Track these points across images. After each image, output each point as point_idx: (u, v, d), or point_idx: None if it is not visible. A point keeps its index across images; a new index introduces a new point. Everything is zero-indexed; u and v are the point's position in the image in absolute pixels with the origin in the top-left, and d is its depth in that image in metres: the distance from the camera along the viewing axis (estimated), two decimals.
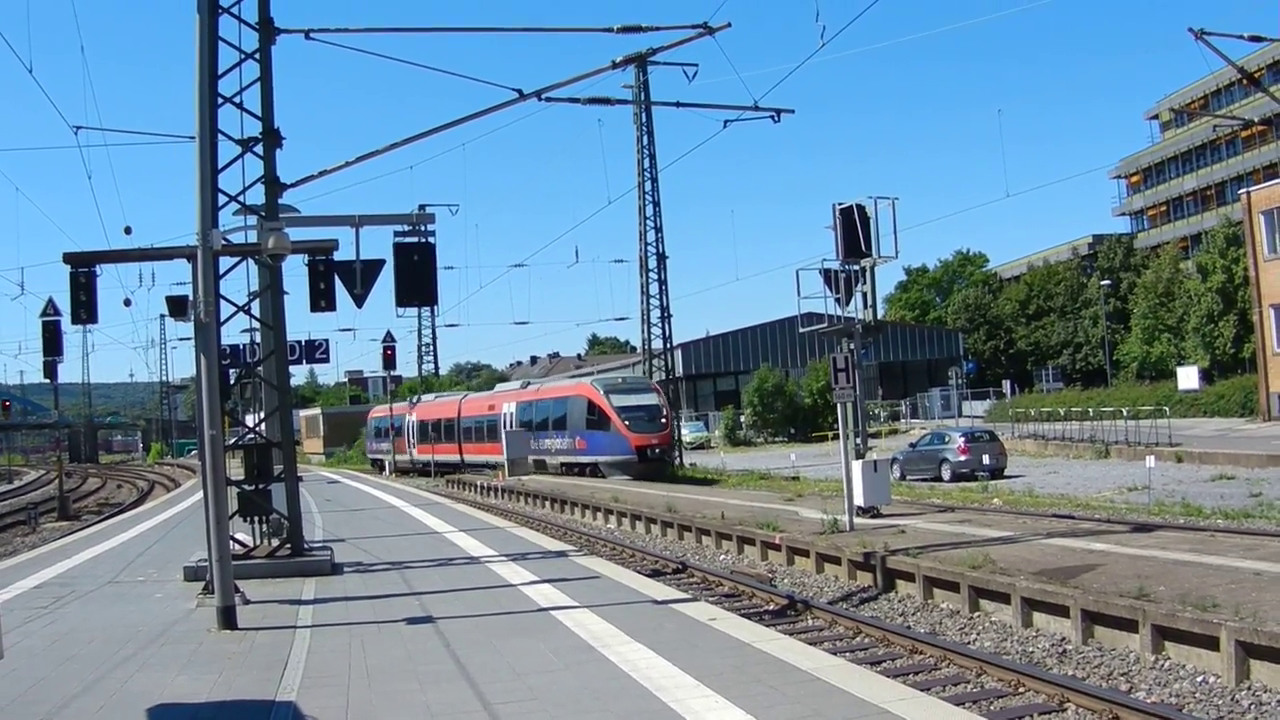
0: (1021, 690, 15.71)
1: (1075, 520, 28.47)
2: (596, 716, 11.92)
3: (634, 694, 12.66)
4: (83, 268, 20.30)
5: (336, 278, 21.93)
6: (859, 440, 31.09)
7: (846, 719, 11.53)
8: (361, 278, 22.40)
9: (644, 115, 68.71)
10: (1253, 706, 14.39)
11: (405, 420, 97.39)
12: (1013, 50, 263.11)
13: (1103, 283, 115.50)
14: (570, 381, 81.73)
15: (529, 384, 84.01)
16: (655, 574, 28.02)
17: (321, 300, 21.67)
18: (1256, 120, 68.75)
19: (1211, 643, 15.83)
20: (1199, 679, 15.69)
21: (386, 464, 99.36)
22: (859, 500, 30.14)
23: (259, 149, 23.86)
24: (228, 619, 17.78)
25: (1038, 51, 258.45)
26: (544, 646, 15.51)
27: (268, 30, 23.87)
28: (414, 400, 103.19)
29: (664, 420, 63.24)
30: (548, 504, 53.37)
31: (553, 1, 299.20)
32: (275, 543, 24.20)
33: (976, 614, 21.21)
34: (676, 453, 72.40)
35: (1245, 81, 44.11)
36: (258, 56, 23.76)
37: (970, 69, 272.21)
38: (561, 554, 27.59)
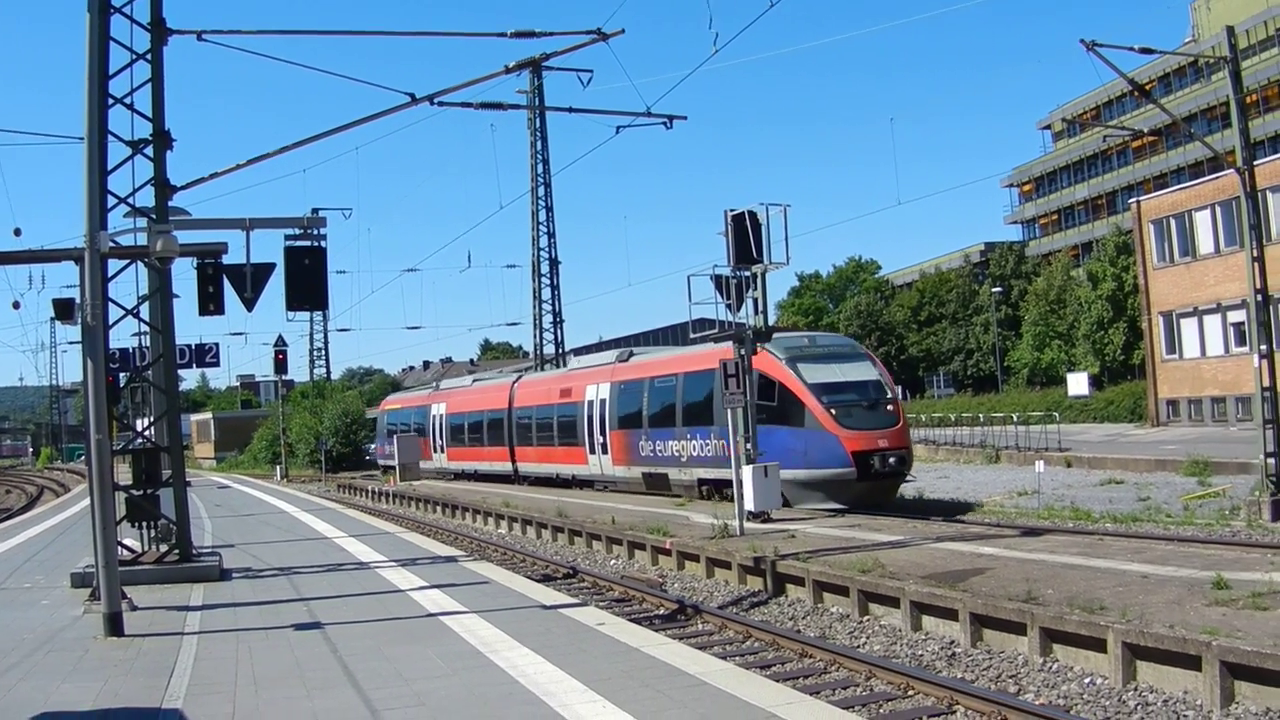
0: (911, 693, 15.89)
1: (965, 524, 28.76)
2: None
3: (522, 699, 12.69)
4: None
5: (226, 281, 21.75)
6: (749, 445, 31.23)
7: None
8: (252, 281, 22.18)
9: (538, 120, 68.73)
10: (1139, 707, 14.67)
11: (431, 414, 73.20)
12: (905, 60, 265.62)
13: (994, 290, 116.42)
14: (714, 346, 41.42)
15: (631, 354, 50.94)
16: (545, 579, 28.08)
17: (210, 304, 21.49)
18: (1146, 131, 69.90)
19: (1099, 645, 16.11)
20: (1087, 680, 15.98)
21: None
22: (749, 505, 30.25)
23: (149, 151, 23.63)
24: (114, 626, 17.62)
25: (930, 61, 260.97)
26: (432, 652, 15.51)
27: (160, 31, 23.64)
28: (436, 385, 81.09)
29: (893, 407, 37.72)
30: (439, 509, 53.25)
31: (447, 6, 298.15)
32: (163, 548, 23.99)
33: (866, 618, 21.43)
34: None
35: (1136, 93, 44.79)
36: (149, 57, 23.53)
37: (863, 78, 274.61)
38: (451, 559, 27.57)
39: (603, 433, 48.78)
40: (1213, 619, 15.43)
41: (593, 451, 49.90)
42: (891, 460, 35.20)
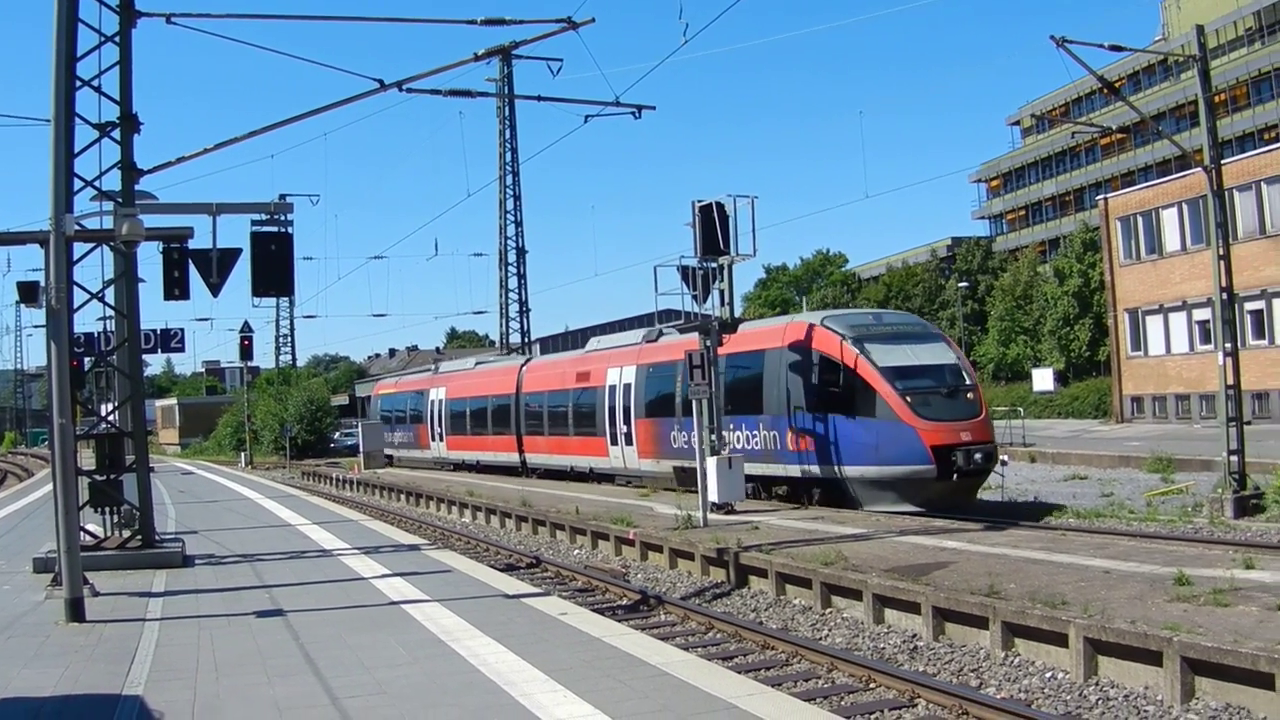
0: (872, 686, 15.89)
1: (928, 518, 28.77)
2: (444, 711, 11.95)
3: (483, 688, 12.69)
4: None
5: (192, 266, 21.68)
6: (714, 436, 31.26)
7: (694, 714, 11.60)
8: (218, 266, 22.10)
9: (507, 109, 68.65)
10: (1100, 702, 14.73)
11: (428, 399, 67.67)
12: (875, 54, 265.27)
13: (960, 284, 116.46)
14: (765, 323, 42.21)
15: (660, 333, 44.56)
16: (509, 568, 28.04)
17: (175, 289, 21.42)
18: (1115, 128, 70.11)
19: (1061, 639, 16.15)
20: (1048, 675, 16.02)
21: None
22: (713, 496, 30.33)
23: (117, 134, 23.55)
24: (76, 611, 17.56)
25: (900, 56, 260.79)
26: (394, 640, 15.52)
27: (128, 13, 23.56)
28: (435, 368, 74.03)
29: (973, 395, 33.13)
30: (403, 497, 53.16)
31: None
32: (126, 534, 23.93)
33: (829, 610, 21.47)
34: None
35: (1105, 90, 45.00)
36: (117, 39, 23.45)
37: (832, 71, 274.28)
38: (414, 548, 27.54)
39: (626, 421, 43.76)
40: (1174, 615, 15.51)
41: (614, 442, 44.89)
42: (977, 456, 30.97)
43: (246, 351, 72.33)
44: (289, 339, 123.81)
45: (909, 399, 30.91)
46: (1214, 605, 15.96)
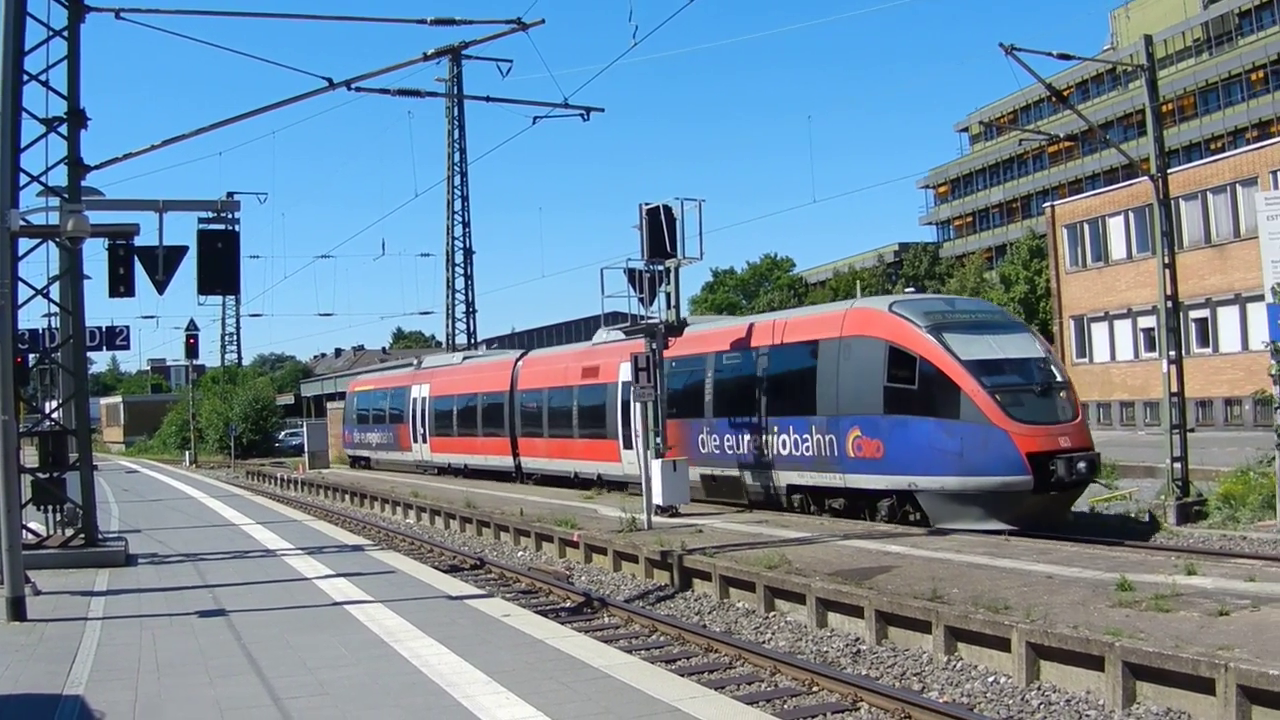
0: (815, 689, 15.97)
1: (872, 522, 28.82)
2: (386, 712, 11.93)
3: (425, 689, 12.70)
4: None
5: (138, 263, 21.58)
6: (658, 439, 31.30)
7: (637, 717, 11.62)
8: (164, 264, 22.04)
9: (456, 109, 68.53)
10: (1042, 706, 14.83)
11: (410, 396, 62.08)
12: (824, 59, 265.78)
13: (907, 290, 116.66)
14: (817, 310, 38.55)
15: (685, 323, 35.13)
16: (453, 569, 28.06)
17: (121, 285, 21.28)
18: (1063, 136, 70.29)
19: (1003, 644, 16.24)
20: (990, 679, 16.08)
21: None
22: (658, 499, 30.39)
23: (64, 129, 23.42)
24: (17, 610, 17.47)
25: (849, 61, 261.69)
26: (336, 641, 15.52)
27: (77, 8, 23.42)
28: (418, 363, 68.83)
29: (1068, 395, 29.14)
30: (347, 498, 53.10)
31: None
32: (69, 533, 23.82)
33: (772, 614, 21.53)
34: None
35: (1054, 98, 45.32)
36: (66, 34, 23.33)
37: (781, 76, 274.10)
38: (358, 548, 27.53)
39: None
40: (1116, 620, 15.60)
41: (628, 446, 39.05)
42: (1080, 465, 26.91)
43: (192, 350, 71.90)
44: (235, 338, 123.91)
45: (999, 398, 26.95)
46: (1156, 611, 16.04)
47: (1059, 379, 28.90)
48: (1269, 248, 26.13)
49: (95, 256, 58.11)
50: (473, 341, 72.69)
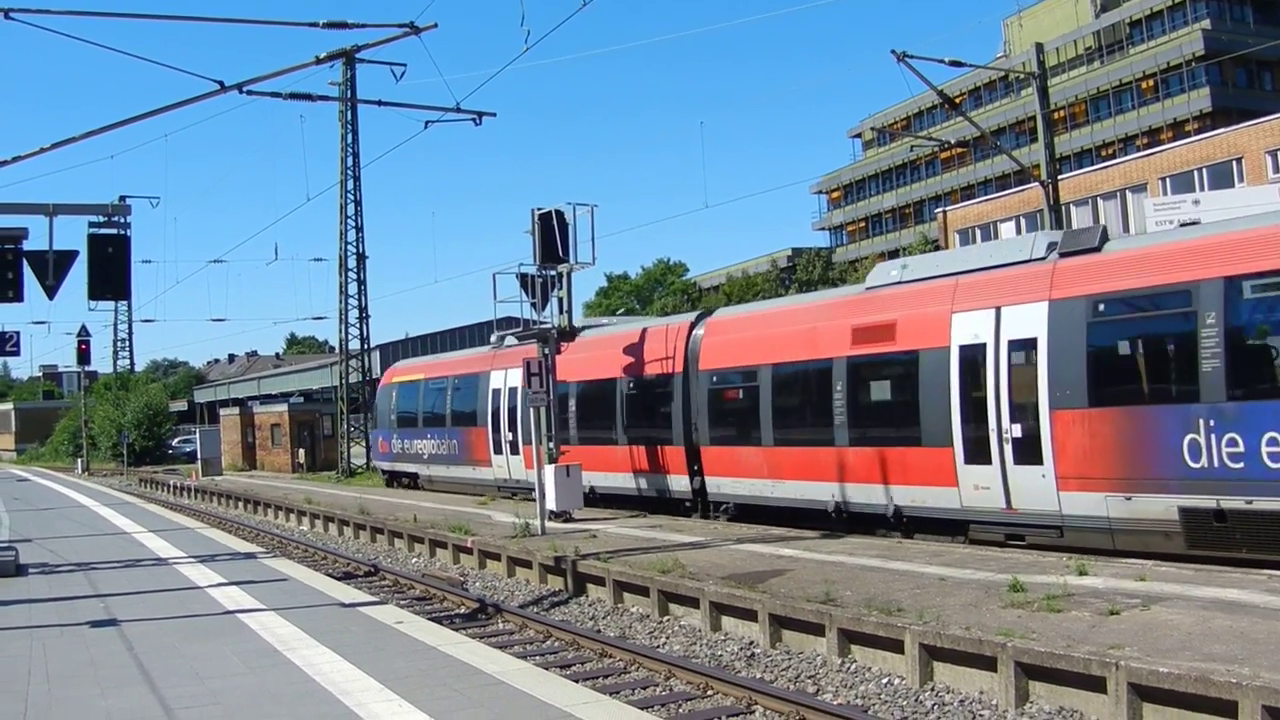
0: (710, 693, 16.03)
1: (766, 526, 28.94)
2: None
3: (318, 698, 12.67)
4: None
5: (27, 268, 21.42)
6: (551, 444, 31.34)
7: None
8: (54, 269, 21.86)
9: (349, 113, 68.17)
10: (936, 707, 14.94)
11: (487, 387, 43.46)
12: (718, 65, 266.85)
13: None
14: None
15: (1106, 235, 23.54)
16: (346, 577, 28.00)
17: (9, 290, 21.16)
18: (955, 143, 71.15)
19: (897, 646, 16.33)
20: (885, 681, 16.16)
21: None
22: (551, 504, 30.38)
23: None
24: None
25: (743, 67, 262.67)
26: (229, 650, 15.41)
27: None
28: (497, 340, 44.53)
29: None
30: (241, 505, 52.74)
31: None
32: None
33: (666, 618, 21.57)
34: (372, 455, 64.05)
35: (946, 105, 45.78)
36: None
37: (675, 81, 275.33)
38: (251, 556, 27.39)
39: (1026, 416, 23.21)
40: (1008, 621, 15.78)
41: (978, 457, 24.14)
42: None
43: (84, 356, 71.35)
44: (127, 343, 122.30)
45: None
46: (1048, 611, 16.25)
47: None
48: None
49: None
50: (365, 347, 72.12)
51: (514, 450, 41.21)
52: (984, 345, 24.05)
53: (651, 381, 34.68)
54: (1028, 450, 23.05)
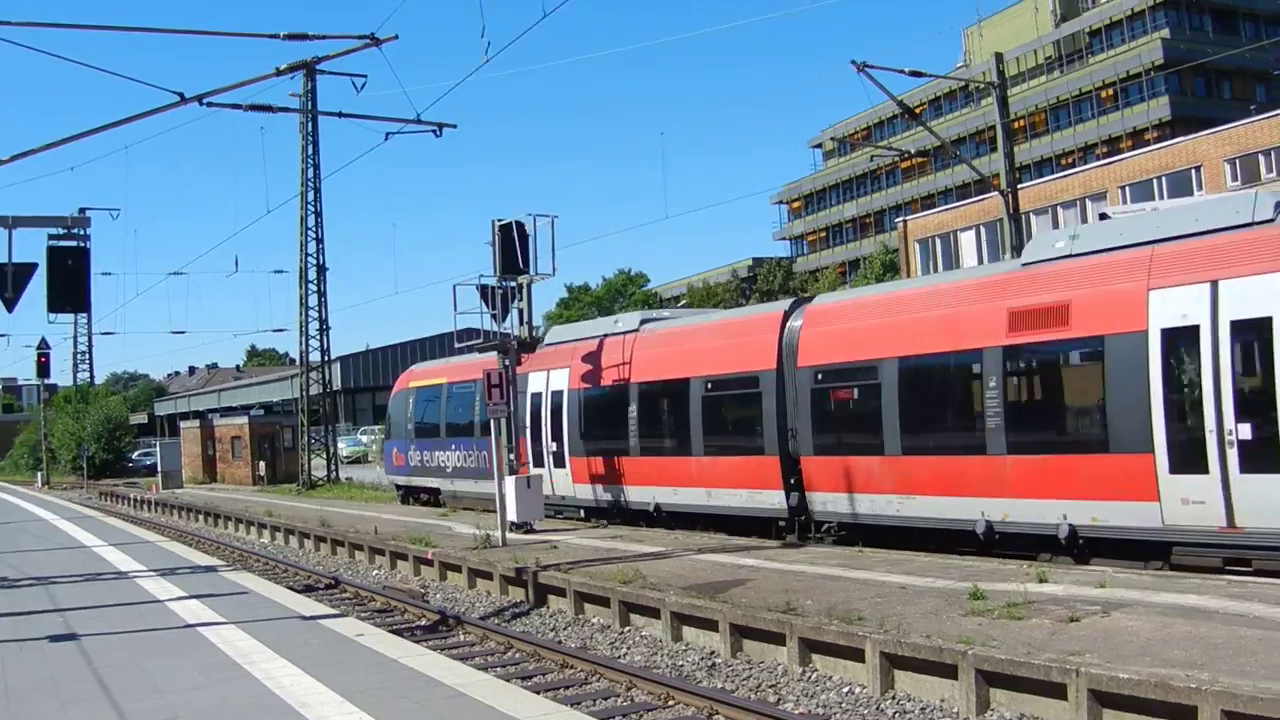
0: (672, 703, 16.05)
1: (726, 536, 28.96)
2: None
3: (278, 711, 12.65)
4: None
5: None
6: (512, 455, 31.33)
7: None
8: (13, 282, 21.84)
9: (310, 124, 68.04)
10: (897, 715, 15.02)
11: (526, 390, 36.68)
12: (679, 76, 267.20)
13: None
14: None
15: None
16: (307, 589, 27.94)
17: None
18: (915, 152, 71.38)
19: (858, 654, 16.35)
20: (846, 690, 16.21)
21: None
22: (512, 515, 30.42)
23: None
24: None
25: (704, 77, 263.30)
26: (189, 664, 15.37)
27: None
28: (544, 334, 39.46)
29: None
30: (202, 518, 52.51)
31: (221, 6, 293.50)
32: None
33: (627, 629, 21.59)
34: (332, 468, 67.87)
35: (906, 115, 45.90)
36: None
37: (636, 92, 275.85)
38: (212, 569, 27.30)
39: (1265, 412, 19.10)
40: (969, 629, 15.84)
41: (1194, 464, 19.77)
42: None
43: (43, 369, 71.04)
44: (87, 356, 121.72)
45: None
46: (1008, 619, 16.32)
47: None
48: None
49: None
50: (326, 359, 71.85)
51: (558, 463, 36.10)
52: (1196, 328, 19.86)
53: (734, 381, 30.25)
54: (1261, 455, 18.90)
